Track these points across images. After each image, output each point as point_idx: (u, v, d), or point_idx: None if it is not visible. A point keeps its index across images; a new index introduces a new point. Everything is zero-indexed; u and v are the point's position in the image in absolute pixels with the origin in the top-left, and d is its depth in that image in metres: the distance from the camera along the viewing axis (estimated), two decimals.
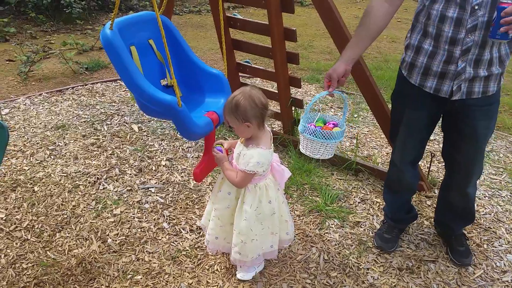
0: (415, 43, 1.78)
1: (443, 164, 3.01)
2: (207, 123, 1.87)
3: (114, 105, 3.72)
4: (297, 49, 5.73)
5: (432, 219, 2.45)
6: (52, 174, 2.72)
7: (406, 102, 1.91)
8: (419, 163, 2.62)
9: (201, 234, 2.29)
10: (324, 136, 1.87)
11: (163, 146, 3.08)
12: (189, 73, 2.08)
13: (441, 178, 2.84)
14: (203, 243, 2.23)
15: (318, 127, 1.93)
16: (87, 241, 2.20)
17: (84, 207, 2.44)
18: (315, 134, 1.88)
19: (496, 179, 2.91)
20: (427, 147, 3.09)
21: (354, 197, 2.66)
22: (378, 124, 2.64)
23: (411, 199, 2.32)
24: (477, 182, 2.80)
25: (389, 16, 1.77)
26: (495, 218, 2.53)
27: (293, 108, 3.11)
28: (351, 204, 2.59)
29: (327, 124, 1.99)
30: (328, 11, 2.34)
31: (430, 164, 2.78)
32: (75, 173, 2.73)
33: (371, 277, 2.07)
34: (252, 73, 3.18)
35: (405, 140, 2.00)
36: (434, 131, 2.07)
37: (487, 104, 1.79)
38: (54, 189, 2.58)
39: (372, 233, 2.35)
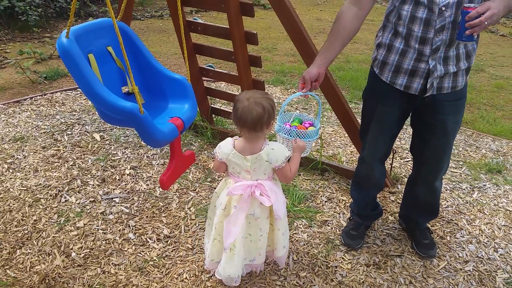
0: (387, 41, 1.82)
1: (405, 160, 3.11)
2: (172, 129, 1.84)
3: (75, 114, 3.62)
4: (261, 52, 5.75)
5: (397, 214, 2.51)
6: (11, 189, 2.62)
7: (377, 99, 1.95)
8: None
9: (168, 242, 2.25)
10: (298, 135, 1.89)
11: (126, 154, 3.02)
12: (151, 79, 2.04)
13: (403, 174, 2.91)
14: (171, 251, 2.20)
15: (293, 126, 1.95)
16: (50, 256, 2.12)
17: (46, 221, 2.35)
18: (289, 133, 1.90)
19: (457, 172, 3.01)
20: None
21: (321, 196, 2.68)
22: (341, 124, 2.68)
23: (376, 196, 2.36)
24: None
25: (359, 20, 1.80)
26: (456, 210, 2.61)
27: None
28: (318, 204, 2.62)
29: (303, 124, 2.01)
30: (287, 15, 2.36)
31: (392, 161, 2.84)
32: (36, 186, 2.64)
33: (340, 274, 2.09)
34: (215, 77, 3.16)
35: (377, 136, 2.04)
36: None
37: (456, 99, 1.85)
38: (14, 204, 2.48)
39: (339, 231, 2.38)
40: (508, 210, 2.63)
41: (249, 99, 1.65)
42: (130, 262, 2.11)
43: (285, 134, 1.90)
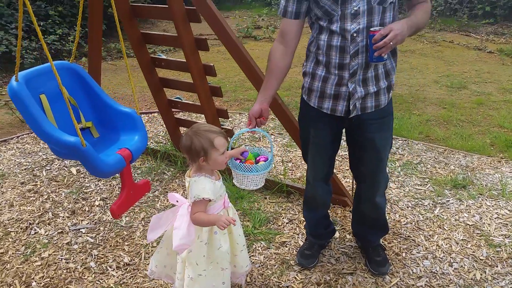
0: (310, 70, 1.94)
1: None
2: (118, 160, 1.95)
3: None
4: (247, 81, 5.92)
5: None
6: None
7: (309, 123, 2.05)
8: (348, 180, 2.75)
9: (127, 270, 2.33)
10: (246, 169, 1.97)
11: (99, 186, 3.14)
12: (104, 114, 2.18)
13: None
14: (129, 278, 2.27)
15: (242, 161, 2.02)
16: (11, 287, 2.21)
17: (12, 253, 2.46)
18: (237, 168, 1.98)
19: (421, 189, 3.05)
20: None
21: (283, 218, 2.75)
22: None
23: (328, 214, 2.42)
24: (401, 193, 2.94)
25: (288, 57, 1.91)
26: (415, 226, 2.64)
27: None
28: (279, 225, 2.68)
29: (258, 158, 2.09)
30: (234, 48, 2.51)
31: (353, 181, 2.90)
32: (8, 220, 2.76)
33: None
34: (183, 108, 3.30)
35: (315, 158, 2.13)
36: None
37: (380, 116, 1.94)
38: None
39: (296, 251, 2.43)
40: (468, 224, 2.65)
41: (192, 129, 1.72)
42: None
43: (234, 168, 1.99)
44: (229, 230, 1.88)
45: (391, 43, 1.63)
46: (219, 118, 3.13)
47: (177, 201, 1.83)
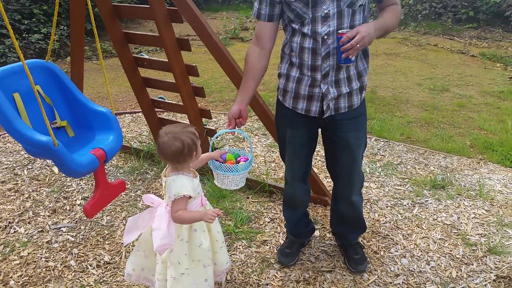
0: (285, 71, 1.97)
1: None
2: (91, 160, 1.95)
3: None
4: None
5: None
6: None
7: (285, 123, 2.08)
8: (329, 180, 2.78)
9: (107, 268, 2.33)
10: (226, 169, 1.99)
11: (81, 185, 3.13)
12: (79, 113, 2.18)
13: None
14: (109, 276, 2.27)
15: (224, 157, 2.04)
16: None
17: None
18: (217, 168, 2.00)
19: (400, 189, 3.10)
20: None
21: (265, 217, 2.77)
22: None
23: (308, 213, 2.45)
24: (381, 193, 2.99)
25: (264, 58, 1.94)
26: (394, 226, 2.69)
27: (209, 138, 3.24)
28: (261, 224, 2.70)
29: (238, 159, 2.11)
30: (216, 49, 2.52)
31: None
32: None
33: None
34: (166, 108, 3.31)
35: (292, 158, 2.16)
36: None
37: (354, 116, 1.97)
38: None
39: (277, 250, 2.45)
40: (446, 224, 2.71)
41: (167, 134, 1.69)
42: (67, 287, 2.19)
43: (215, 168, 2.01)
44: (208, 227, 1.89)
45: (357, 45, 1.66)
46: (202, 118, 3.14)
47: (152, 203, 1.82)
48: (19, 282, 2.22)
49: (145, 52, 7.49)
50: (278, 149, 2.30)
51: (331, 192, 2.90)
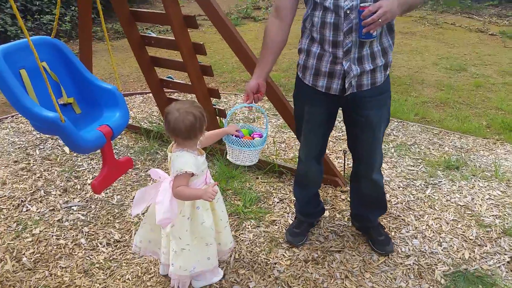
0: (305, 47, 1.91)
1: None
2: (98, 136, 1.94)
3: None
4: None
5: (344, 212, 2.56)
6: None
7: (304, 101, 2.03)
8: (340, 161, 2.73)
9: (117, 246, 2.35)
10: (242, 145, 1.97)
11: (92, 165, 3.14)
12: (86, 91, 2.16)
13: None
14: (119, 254, 2.29)
15: (240, 133, 2.03)
16: (2, 262, 2.23)
17: (4, 230, 2.47)
18: (233, 143, 1.98)
19: (413, 170, 3.04)
20: (343, 145, 3.23)
21: (274, 197, 2.75)
22: None
23: (318, 193, 2.42)
24: (393, 174, 2.94)
25: (283, 32, 1.89)
26: (406, 206, 2.64)
27: (218, 118, 3.21)
28: (270, 205, 2.68)
29: (252, 135, 2.09)
30: (226, 31, 2.47)
31: (344, 161, 2.90)
32: (0, 197, 2.77)
33: (277, 270, 2.15)
34: (175, 87, 3.28)
35: (308, 136, 2.11)
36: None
37: (377, 94, 1.91)
38: None
39: (285, 230, 2.44)
40: (459, 205, 2.65)
41: (179, 110, 1.68)
42: (77, 265, 2.21)
43: (231, 143, 1.99)
44: (212, 206, 1.88)
45: (379, 20, 1.59)
46: (211, 98, 3.11)
47: (159, 177, 1.83)
48: (31, 259, 2.25)
49: (157, 33, 7.46)
50: (293, 129, 2.24)
51: (341, 173, 2.87)
